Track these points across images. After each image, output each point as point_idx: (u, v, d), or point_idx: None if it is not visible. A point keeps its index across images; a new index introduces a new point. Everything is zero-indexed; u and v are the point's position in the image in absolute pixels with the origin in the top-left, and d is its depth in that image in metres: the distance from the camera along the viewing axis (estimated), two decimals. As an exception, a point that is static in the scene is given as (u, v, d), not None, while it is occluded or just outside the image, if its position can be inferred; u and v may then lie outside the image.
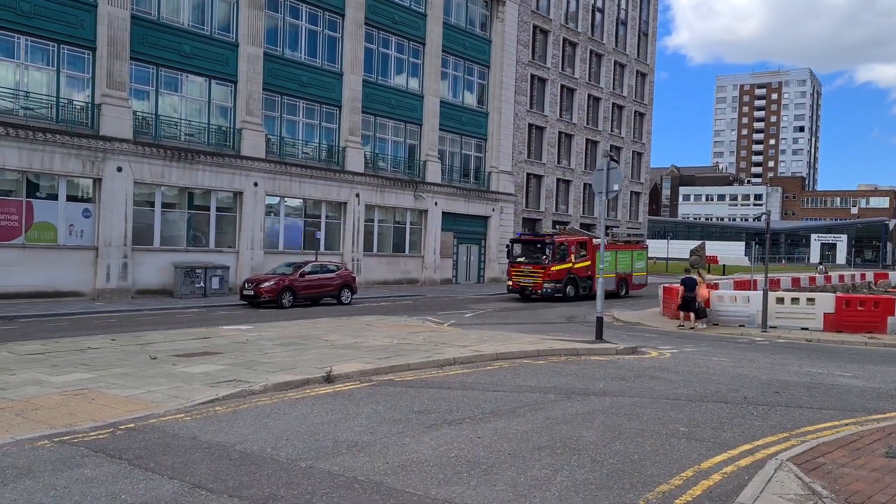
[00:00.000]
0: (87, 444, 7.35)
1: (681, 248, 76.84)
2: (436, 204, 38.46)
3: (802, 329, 20.18)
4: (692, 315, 21.08)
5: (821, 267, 52.60)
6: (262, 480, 6.35)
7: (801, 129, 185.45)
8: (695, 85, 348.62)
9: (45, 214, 24.00)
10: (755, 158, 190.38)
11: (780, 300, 21.36)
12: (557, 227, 38.32)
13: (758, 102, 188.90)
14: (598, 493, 6.17)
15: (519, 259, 31.22)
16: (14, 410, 8.64)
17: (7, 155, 22.69)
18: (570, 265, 30.58)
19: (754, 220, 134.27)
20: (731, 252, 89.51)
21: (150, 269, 26.46)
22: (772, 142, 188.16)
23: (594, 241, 31.37)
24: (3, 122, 22.55)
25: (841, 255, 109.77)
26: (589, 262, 31.36)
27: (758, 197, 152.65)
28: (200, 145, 28.34)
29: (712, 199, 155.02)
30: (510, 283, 31.05)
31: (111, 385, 10.23)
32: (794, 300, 21.35)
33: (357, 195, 34.12)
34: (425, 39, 37.85)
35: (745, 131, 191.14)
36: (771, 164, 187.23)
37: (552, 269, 29.96)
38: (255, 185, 29.75)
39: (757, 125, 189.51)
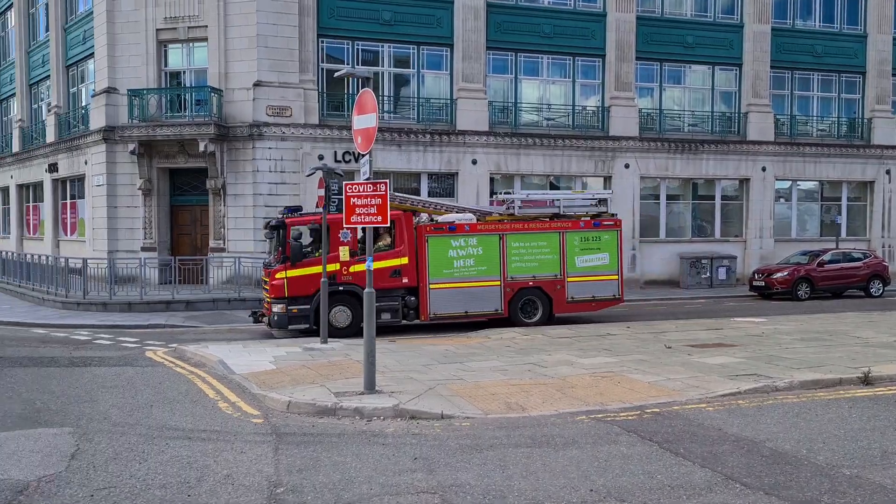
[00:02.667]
0: (619, 423, 7.86)
1: None
2: None
3: None
4: None
5: None
6: (800, 482, 5.90)
7: None
8: None
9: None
10: None
11: None
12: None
13: None
14: None
15: (267, 261, 17.27)
16: (554, 387, 9.75)
17: (534, 162, 25.94)
18: (332, 267, 14.97)
19: None
20: None
21: (656, 260, 27.19)
22: None
23: (425, 217, 16.78)
24: (530, 134, 25.87)
25: None
26: (404, 260, 15.80)
27: None
28: (703, 134, 28.07)
29: None
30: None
31: (632, 370, 10.77)
32: None
33: (888, 171, 29.61)
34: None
35: None
36: None
37: (278, 276, 15.38)
38: (763, 169, 28.20)
39: None
